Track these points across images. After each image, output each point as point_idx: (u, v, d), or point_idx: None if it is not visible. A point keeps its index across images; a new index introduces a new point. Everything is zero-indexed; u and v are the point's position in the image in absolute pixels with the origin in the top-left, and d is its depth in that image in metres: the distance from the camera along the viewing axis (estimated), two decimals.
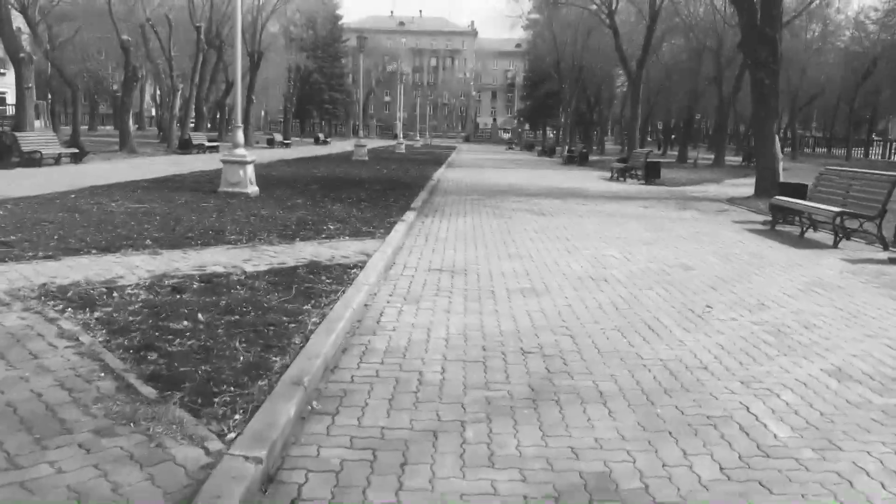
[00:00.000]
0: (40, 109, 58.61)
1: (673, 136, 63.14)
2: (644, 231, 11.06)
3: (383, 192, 14.73)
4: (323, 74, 78.99)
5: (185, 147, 32.45)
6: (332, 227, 9.38)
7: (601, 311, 5.96)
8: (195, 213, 10.14)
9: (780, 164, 16.64)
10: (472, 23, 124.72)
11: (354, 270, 6.71)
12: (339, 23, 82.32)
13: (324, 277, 6.34)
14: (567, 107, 48.02)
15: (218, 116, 48.35)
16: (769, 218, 12.93)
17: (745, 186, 21.90)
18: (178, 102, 34.25)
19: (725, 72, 34.52)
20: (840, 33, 50.88)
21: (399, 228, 9.64)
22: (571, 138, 51.78)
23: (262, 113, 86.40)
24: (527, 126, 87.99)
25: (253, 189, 12.96)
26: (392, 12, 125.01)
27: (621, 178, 23.59)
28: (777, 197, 11.97)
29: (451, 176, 23.15)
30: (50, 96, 42.98)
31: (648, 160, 22.54)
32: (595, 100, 55.73)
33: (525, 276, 7.29)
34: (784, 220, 12.23)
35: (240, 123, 13.14)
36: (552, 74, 53.72)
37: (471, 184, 20.09)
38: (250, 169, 12.91)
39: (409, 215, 11.15)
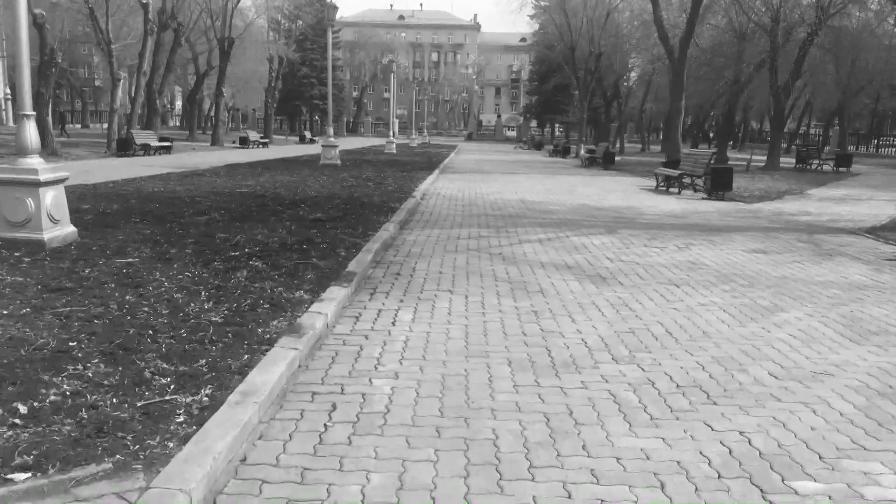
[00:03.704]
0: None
1: (710, 134, 56.94)
2: (848, 346, 4.98)
3: (320, 229, 8.67)
4: (313, 68, 72.68)
5: (125, 148, 26.46)
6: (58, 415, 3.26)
7: None
8: None
9: None
10: (475, 16, 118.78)
11: None
12: None
13: None
14: (583, 99, 41.71)
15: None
16: None
17: (847, 202, 15.80)
18: (118, 95, 28.17)
19: (780, 55, 28.31)
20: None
21: (267, 380, 3.61)
22: (586, 136, 45.57)
23: (252, 110, 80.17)
24: (533, 123, 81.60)
25: (61, 232, 6.91)
26: (391, 5, 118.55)
27: (673, 189, 17.51)
28: None
29: (443, 189, 16.99)
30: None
31: (714, 165, 16.39)
32: (613, 92, 49.40)
33: None
34: None
35: (29, 111, 6.88)
36: (562, 66, 47.61)
37: (469, 202, 13.98)
38: (51, 196, 6.84)
39: (330, 304, 5.10)
